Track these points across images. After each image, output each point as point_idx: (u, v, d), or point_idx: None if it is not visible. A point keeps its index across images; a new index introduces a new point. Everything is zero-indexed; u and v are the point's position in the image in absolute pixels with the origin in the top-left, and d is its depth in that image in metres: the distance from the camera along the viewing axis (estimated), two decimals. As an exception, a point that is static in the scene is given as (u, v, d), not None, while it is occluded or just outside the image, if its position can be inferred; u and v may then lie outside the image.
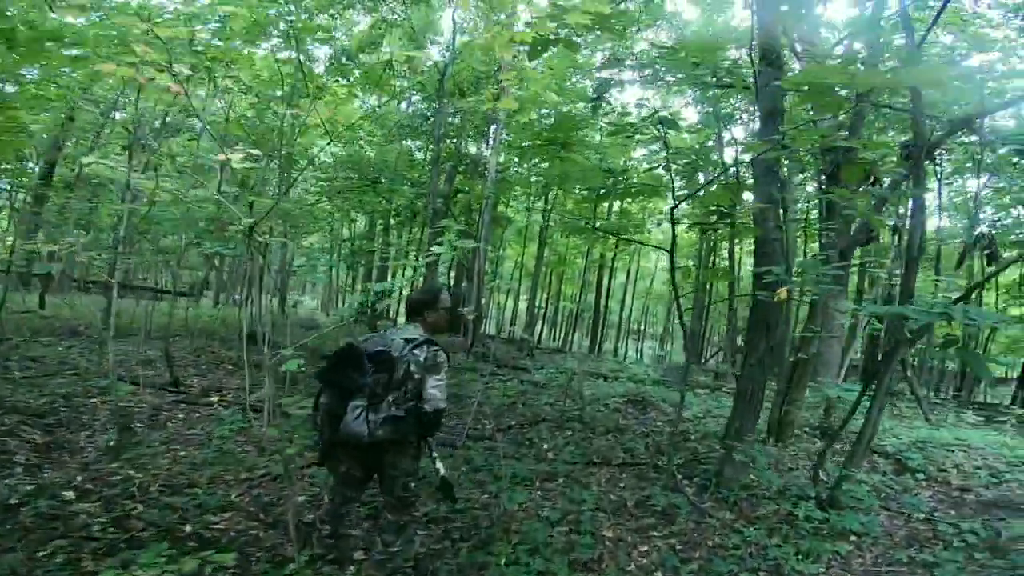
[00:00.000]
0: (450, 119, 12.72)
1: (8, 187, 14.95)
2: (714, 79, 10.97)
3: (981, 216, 10.64)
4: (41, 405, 5.11)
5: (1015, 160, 11.44)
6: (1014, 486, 4.94)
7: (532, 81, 12.34)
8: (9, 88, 7.25)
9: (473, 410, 5.83)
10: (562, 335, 24.09)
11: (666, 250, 3.80)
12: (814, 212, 12.93)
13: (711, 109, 11.27)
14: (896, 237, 6.34)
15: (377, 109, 15.61)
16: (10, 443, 4.08)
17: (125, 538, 2.85)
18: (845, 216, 4.56)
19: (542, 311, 24.73)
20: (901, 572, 3.27)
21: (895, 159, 3.81)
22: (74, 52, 5.79)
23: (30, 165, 14.05)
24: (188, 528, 3.08)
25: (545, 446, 5.40)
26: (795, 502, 4.11)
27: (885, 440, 5.93)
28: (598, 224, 8.87)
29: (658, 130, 3.76)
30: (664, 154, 3.38)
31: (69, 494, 3.33)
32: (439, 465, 2.59)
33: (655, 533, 3.75)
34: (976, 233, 5.50)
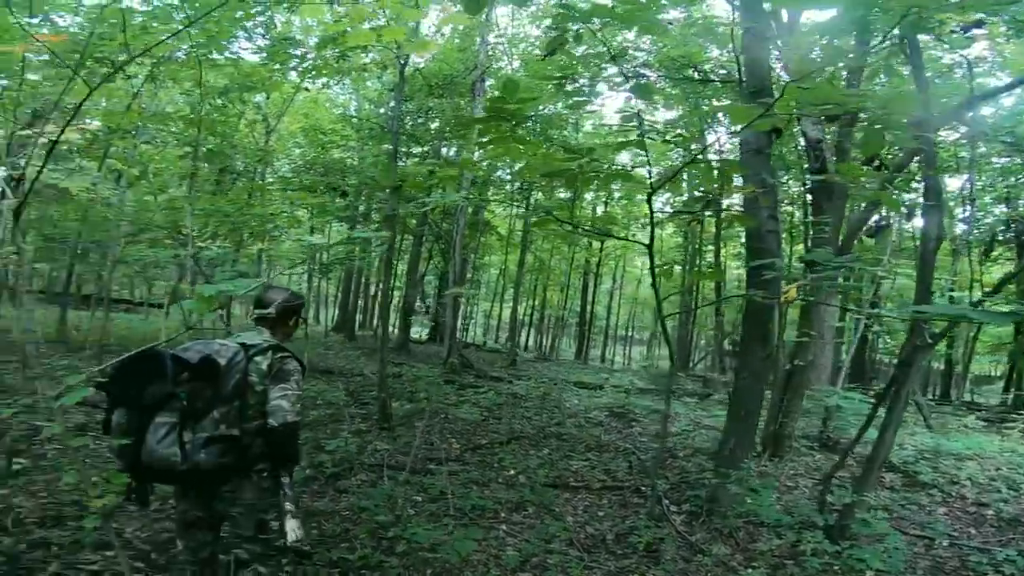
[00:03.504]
0: (422, 120, 12.22)
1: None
2: (696, 74, 10.59)
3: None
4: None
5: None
6: (1041, 503, 4.50)
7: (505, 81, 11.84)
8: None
9: (422, 427, 5.24)
10: (548, 342, 23.56)
11: (644, 244, 3.30)
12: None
13: (693, 107, 10.86)
14: (905, 225, 5.80)
15: (349, 111, 15.14)
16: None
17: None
18: (851, 199, 4.10)
19: (528, 318, 24.25)
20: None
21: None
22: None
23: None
24: (51, 568, 2.54)
25: (512, 471, 4.84)
26: (799, 532, 3.63)
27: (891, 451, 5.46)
28: (579, 226, 8.35)
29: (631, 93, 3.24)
30: (637, 127, 2.87)
31: (-71, 525, 2.80)
32: (290, 524, 1.96)
33: (636, 576, 3.22)
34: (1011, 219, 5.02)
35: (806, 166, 6.82)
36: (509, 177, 13.15)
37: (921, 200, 4.59)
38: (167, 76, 6.06)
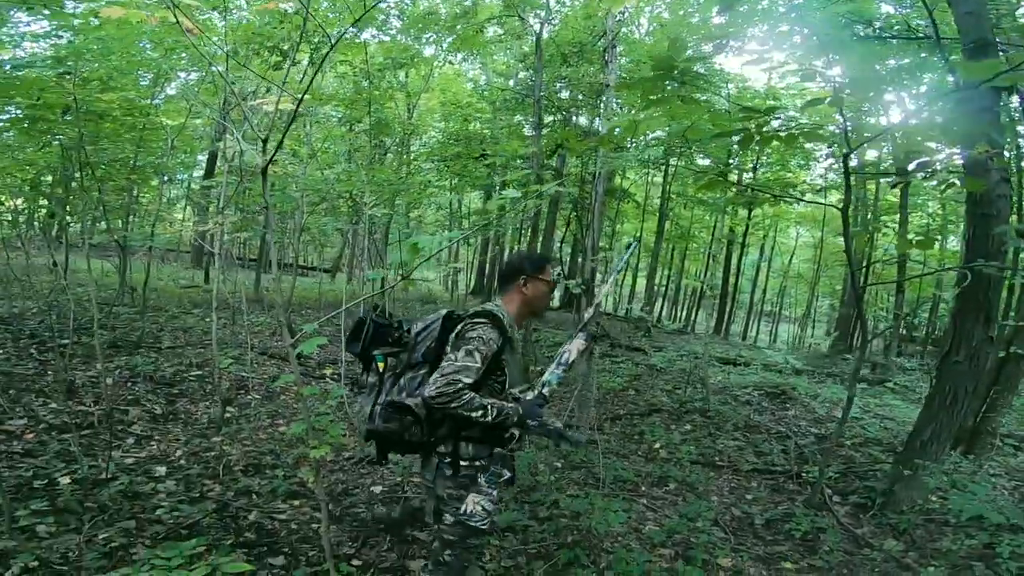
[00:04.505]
0: (555, 91, 12.08)
1: (185, 177, 17.03)
2: (871, 30, 8.90)
3: None
4: (173, 374, 5.40)
5: None
6: None
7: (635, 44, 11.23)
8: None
9: (575, 396, 5.25)
10: (684, 315, 22.45)
11: (837, 208, 2.96)
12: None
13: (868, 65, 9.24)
14: None
15: (480, 84, 15.45)
16: (131, 413, 4.25)
17: (188, 524, 2.72)
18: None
19: (662, 289, 23.28)
20: None
21: None
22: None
23: (200, 158, 15.55)
24: (251, 516, 2.90)
25: (658, 443, 4.71)
26: (994, 534, 3.18)
27: None
28: (734, 190, 7.56)
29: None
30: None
31: (162, 470, 3.30)
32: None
33: (788, 565, 3.00)
34: None
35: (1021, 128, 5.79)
36: (644, 144, 12.57)
37: None
38: (327, 62, 6.61)
